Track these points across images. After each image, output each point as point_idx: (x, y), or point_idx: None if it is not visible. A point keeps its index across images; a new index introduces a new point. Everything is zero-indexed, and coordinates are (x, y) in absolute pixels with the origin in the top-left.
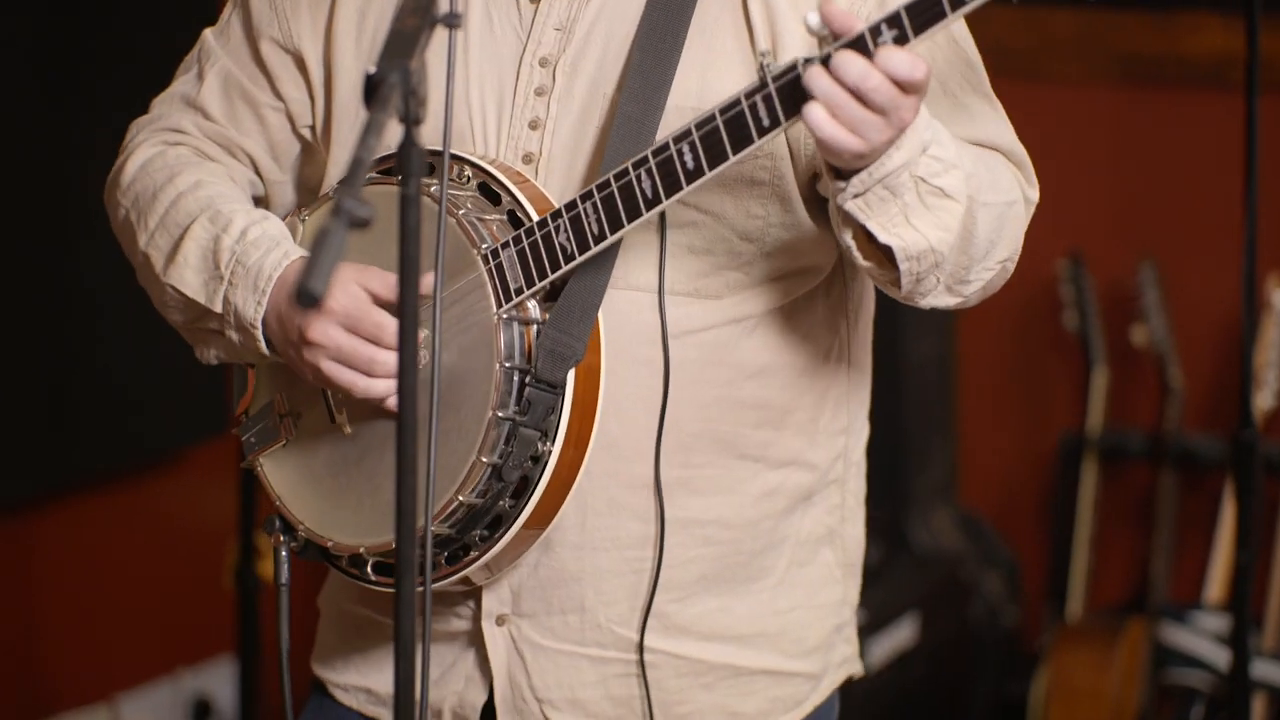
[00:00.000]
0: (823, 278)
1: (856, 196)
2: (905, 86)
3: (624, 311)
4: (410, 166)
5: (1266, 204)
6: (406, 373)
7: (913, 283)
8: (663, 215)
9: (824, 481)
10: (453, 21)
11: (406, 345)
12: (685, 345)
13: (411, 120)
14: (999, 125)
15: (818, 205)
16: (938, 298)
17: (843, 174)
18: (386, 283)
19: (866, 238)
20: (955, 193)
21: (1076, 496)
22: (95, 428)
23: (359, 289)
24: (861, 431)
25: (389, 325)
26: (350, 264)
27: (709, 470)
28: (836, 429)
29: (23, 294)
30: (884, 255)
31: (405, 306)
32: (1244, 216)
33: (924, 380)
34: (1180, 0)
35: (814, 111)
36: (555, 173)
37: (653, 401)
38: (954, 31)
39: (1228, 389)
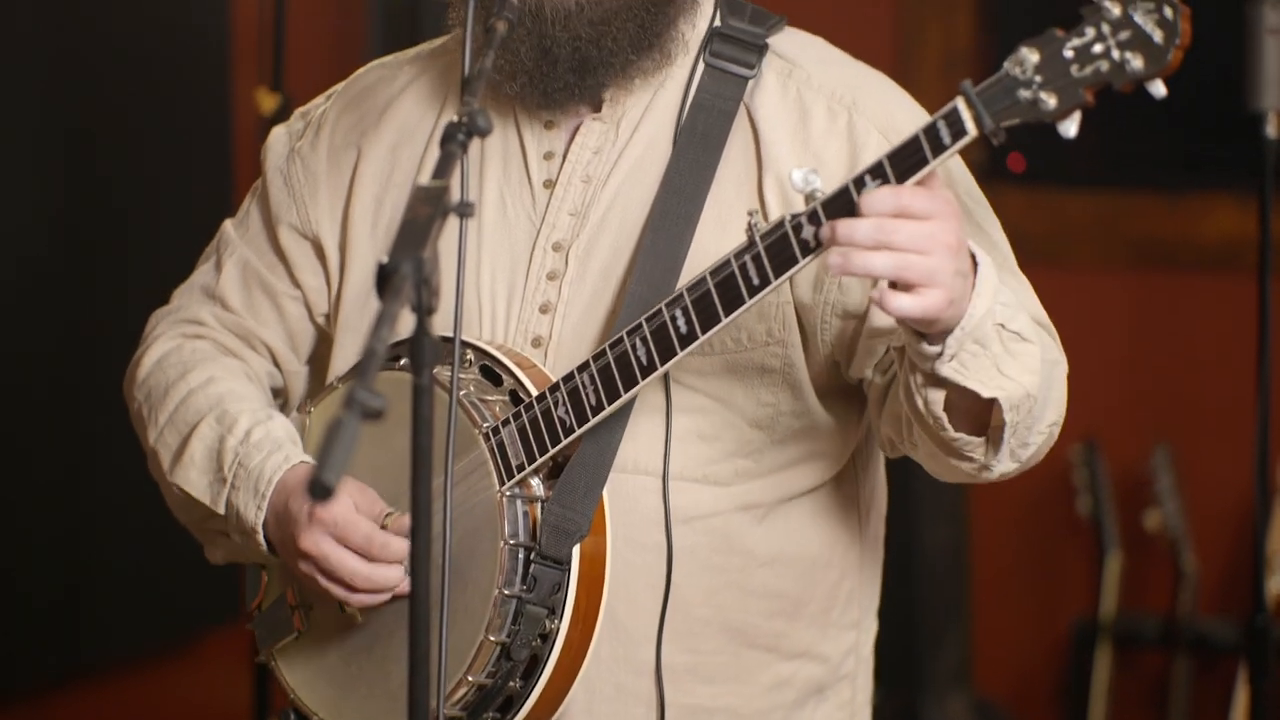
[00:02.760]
0: (835, 472)
1: (952, 359)
2: (913, 215)
3: (632, 495)
4: (423, 357)
5: None
6: (419, 566)
7: (1010, 435)
8: (668, 400)
9: (836, 676)
10: (465, 211)
11: (420, 537)
12: (694, 530)
13: (425, 310)
14: (1030, 296)
15: (833, 396)
16: (1005, 464)
17: (932, 339)
18: (373, 505)
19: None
20: (1029, 334)
21: (1090, 682)
22: (110, 612)
23: (349, 499)
24: (871, 628)
25: (376, 537)
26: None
27: (718, 657)
28: (848, 623)
29: (38, 475)
30: (972, 421)
31: (417, 501)
32: (1256, 400)
33: (937, 566)
34: (1192, 182)
35: (889, 296)
36: (564, 356)
37: (662, 587)
38: (978, 217)
39: (1241, 573)
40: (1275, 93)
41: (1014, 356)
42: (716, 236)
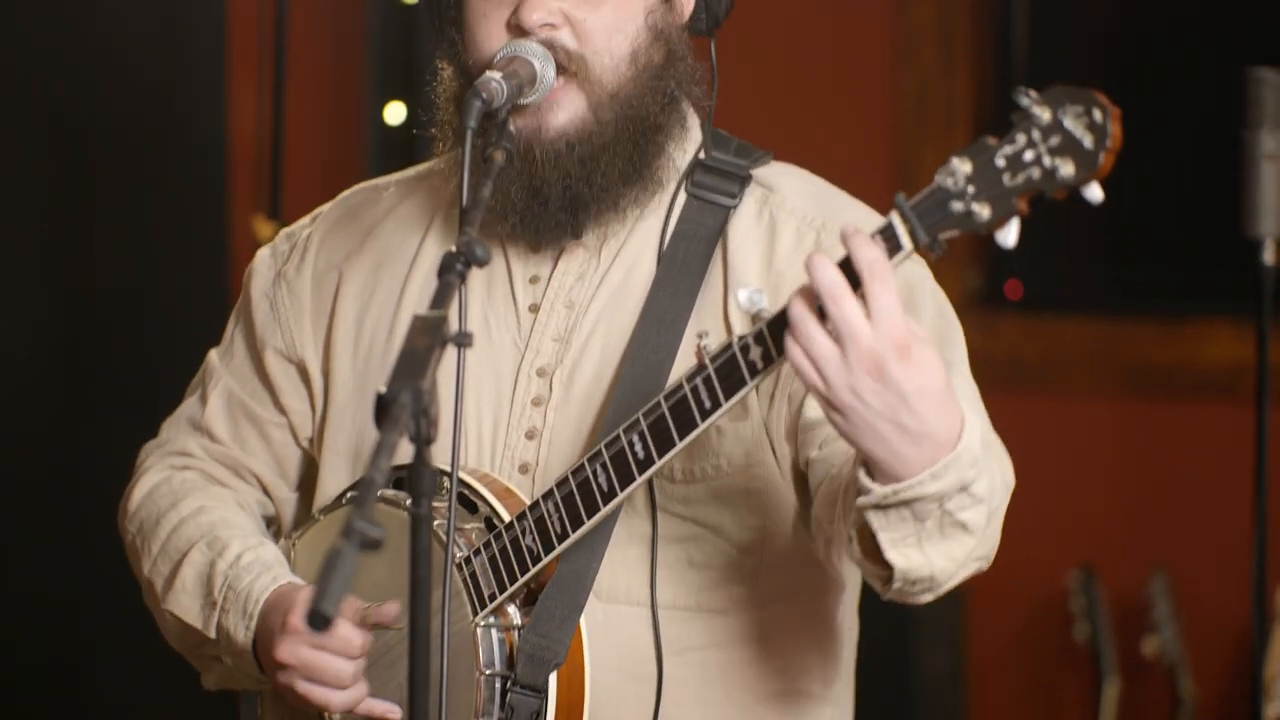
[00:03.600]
0: (835, 600)
1: (877, 507)
2: (839, 325)
3: (620, 626)
4: (422, 487)
5: (1277, 514)
6: (418, 695)
7: (897, 595)
8: (654, 528)
9: None
10: (464, 341)
11: (418, 667)
12: (688, 663)
13: (424, 441)
14: (984, 421)
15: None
16: (915, 599)
17: (872, 473)
18: (352, 607)
19: (871, 538)
20: (974, 527)
21: None
22: None
23: None
24: None
25: (354, 638)
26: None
27: None
28: None
29: (35, 597)
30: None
31: (415, 627)
32: (1254, 527)
33: (935, 693)
34: (1189, 308)
35: (791, 349)
36: (552, 483)
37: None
38: (941, 330)
39: (1239, 699)
40: (1272, 219)
41: (945, 539)
42: (692, 360)
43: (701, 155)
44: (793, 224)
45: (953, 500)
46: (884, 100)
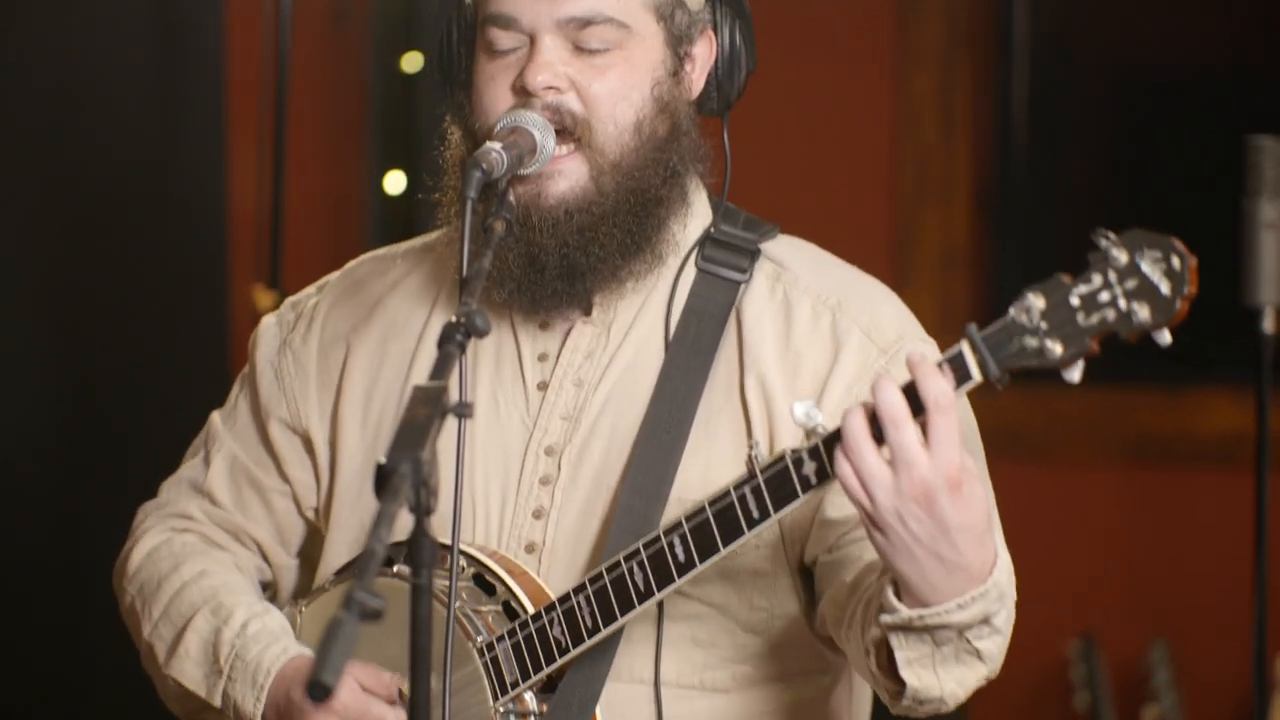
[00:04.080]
0: (838, 678)
1: (897, 630)
2: (896, 453)
3: (625, 704)
4: (422, 557)
5: (1277, 583)
6: None
7: (905, 712)
8: (660, 608)
9: None
10: (464, 412)
11: None
12: None
13: (423, 511)
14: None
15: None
16: (921, 717)
17: (897, 591)
18: (380, 680)
19: (888, 654)
20: (989, 657)
21: None
22: None
23: (355, 683)
24: None
25: (389, 715)
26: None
27: None
28: None
29: (36, 663)
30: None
31: (417, 699)
32: (1254, 595)
33: None
34: (1189, 377)
35: (841, 465)
36: (558, 563)
37: None
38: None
39: None
40: (1272, 288)
41: (959, 664)
42: (705, 444)
43: (712, 230)
44: (808, 303)
45: (973, 630)
46: (884, 172)
